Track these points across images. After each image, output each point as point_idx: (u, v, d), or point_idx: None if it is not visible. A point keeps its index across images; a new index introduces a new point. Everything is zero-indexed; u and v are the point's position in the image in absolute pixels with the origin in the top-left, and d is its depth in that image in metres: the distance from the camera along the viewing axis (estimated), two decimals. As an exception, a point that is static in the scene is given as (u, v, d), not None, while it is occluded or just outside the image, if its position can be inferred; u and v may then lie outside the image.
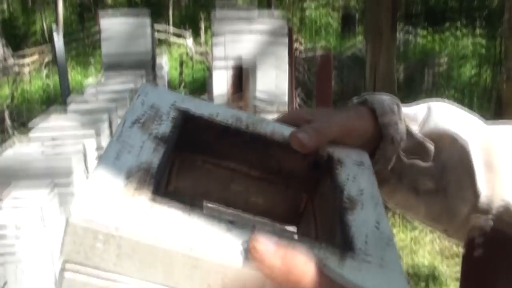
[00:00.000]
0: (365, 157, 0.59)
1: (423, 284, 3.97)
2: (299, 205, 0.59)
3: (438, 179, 0.62)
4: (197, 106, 0.57)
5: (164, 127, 0.51)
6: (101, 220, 0.38)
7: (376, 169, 0.58)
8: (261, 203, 0.59)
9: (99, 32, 5.47)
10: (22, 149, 2.73)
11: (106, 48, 5.01)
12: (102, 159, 0.45)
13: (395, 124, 0.60)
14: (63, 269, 0.39)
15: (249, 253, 0.39)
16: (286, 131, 0.58)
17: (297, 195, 0.59)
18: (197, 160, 0.58)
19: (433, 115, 0.64)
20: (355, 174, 0.55)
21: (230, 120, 0.57)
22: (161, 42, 9.96)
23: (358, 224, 0.48)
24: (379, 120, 0.60)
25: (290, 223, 0.60)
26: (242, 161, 0.58)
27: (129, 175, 0.43)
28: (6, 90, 9.58)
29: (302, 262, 0.39)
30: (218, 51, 4.11)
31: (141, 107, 0.54)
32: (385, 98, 0.62)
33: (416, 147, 0.62)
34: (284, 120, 0.60)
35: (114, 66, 4.84)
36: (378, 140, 0.60)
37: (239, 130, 0.56)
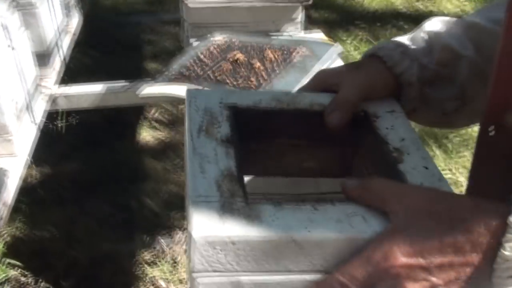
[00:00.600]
0: (395, 104, 0.66)
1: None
2: (348, 160, 0.67)
3: (460, 96, 0.69)
4: (241, 98, 0.64)
5: (224, 129, 0.59)
6: (216, 233, 0.46)
7: (406, 110, 0.66)
8: (314, 166, 0.68)
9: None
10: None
11: None
12: (192, 175, 0.52)
13: (408, 68, 0.67)
14: (194, 279, 0.48)
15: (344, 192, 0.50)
16: (321, 99, 0.65)
17: (343, 152, 0.67)
18: (251, 145, 0.65)
19: (433, 39, 0.69)
20: (392, 123, 0.63)
21: (272, 104, 0.64)
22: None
23: (410, 170, 0.56)
24: (392, 72, 0.66)
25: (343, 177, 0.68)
26: (290, 136, 0.65)
27: (219, 186, 0.51)
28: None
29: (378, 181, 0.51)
30: None
31: (197, 114, 0.60)
32: (391, 46, 0.68)
33: (433, 76, 0.69)
34: (313, 87, 0.67)
35: None
36: (399, 85, 0.67)
37: (282, 110, 0.64)
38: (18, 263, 1.85)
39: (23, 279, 1.82)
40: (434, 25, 0.70)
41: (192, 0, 1.34)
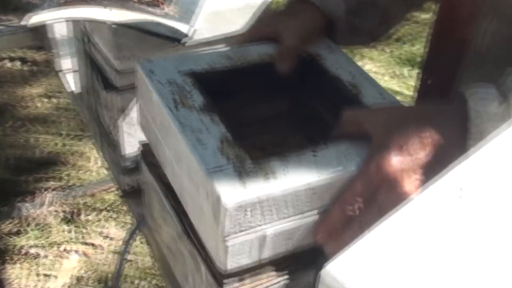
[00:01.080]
0: (329, 42, 0.72)
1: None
2: (305, 102, 0.72)
3: (384, 21, 0.76)
4: (194, 62, 0.65)
5: (197, 97, 0.60)
6: (244, 197, 0.49)
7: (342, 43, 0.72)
8: (273, 114, 0.72)
9: None
10: None
11: None
12: (192, 149, 0.53)
13: (336, 5, 0.72)
14: (225, 241, 0.51)
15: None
16: (267, 49, 0.69)
17: (299, 96, 0.71)
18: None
19: None
20: (335, 60, 0.69)
21: (225, 63, 0.66)
22: None
23: (370, 100, 0.62)
24: (323, 12, 0.71)
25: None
26: (249, 89, 0.68)
27: (223, 153, 0.53)
28: None
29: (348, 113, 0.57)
30: None
31: (164, 88, 0.61)
32: None
33: (357, 3, 0.74)
34: (250, 37, 0.71)
35: None
36: (330, 23, 0.73)
37: (237, 67, 0.66)
38: None
39: None
40: None
41: None
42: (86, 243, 1.81)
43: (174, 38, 0.78)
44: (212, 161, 0.52)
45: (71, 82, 1.16)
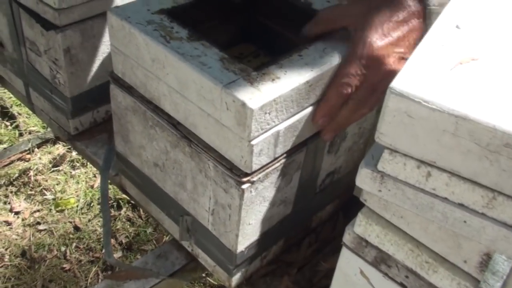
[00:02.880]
0: None
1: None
2: (258, 21, 0.80)
3: None
4: (160, 1, 0.71)
5: (179, 29, 0.66)
6: (264, 99, 0.58)
7: None
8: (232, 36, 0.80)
9: None
10: None
11: None
12: (200, 72, 0.60)
13: None
14: (250, 144, 0.60)
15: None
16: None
17: (249, 17, 0.80)
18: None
19: None
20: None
21: (187, -4, 0.73)
22: None
23: (321, 5, 0.73)
24: None
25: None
26: (207, 19, 0.75)
27: (228, 69, 0.61)
28: None
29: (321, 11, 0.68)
30: None
31: (146, 28, 0.66)
32: None
33: None
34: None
35: None
36: None
37: (199, 0, 0.73)
38: None
39: None
40: None
41: None
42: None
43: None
44: (223, 77, 0.60)
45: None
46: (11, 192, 1.84)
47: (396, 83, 0.41)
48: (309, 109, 0.65)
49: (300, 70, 0.62)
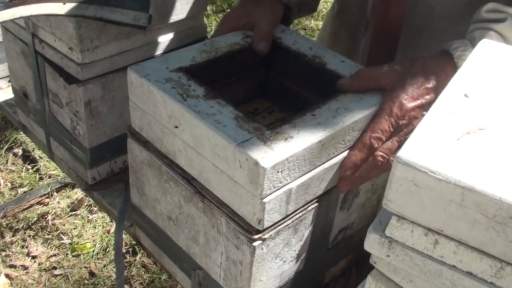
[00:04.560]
0: (282, 26, 0.84)
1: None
2: (274, 79, 0.82)
3: None
4: (177, 59, 0.73)
5: (197, 88, 0.68)
6: (276, 159, 0.59)
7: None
8: (246, 94, 0.82)
9: None
10: None
11: None
12: (215, 130, 0.62)
13: None
14: (263, 202, 0.61)
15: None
16: (233, 39, 0.79)
17: (268, 75, 0.82)
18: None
19: None
20: (294, 39, 0.80)
21: (204, 56, 0.75)
22: None
23: (335, 66, 0.75)
24: (283, 2, 0.84)
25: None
26: (225, 75, 0.77)
27: (242, 127, 0.62)
28: None
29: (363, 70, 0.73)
30: None
31: (164, 85, 0.68)
32: None
33: None
34: (224, 31, 0.80)
35: None
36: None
37: (216, 58, 0.75)
38: None
39: None
40: None
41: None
42: (11, 265, 1.78)
43: (136, 25, 0.84)
44: (237, 136, 0.61)
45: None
46: (29, 236, 1.86)
47: (403, 152, 0.42)
48: (321, 167, 0.66)
49: (313, 129, 0.63)
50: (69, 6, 0.80)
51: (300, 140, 0.62)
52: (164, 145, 0.72)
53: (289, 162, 0.61)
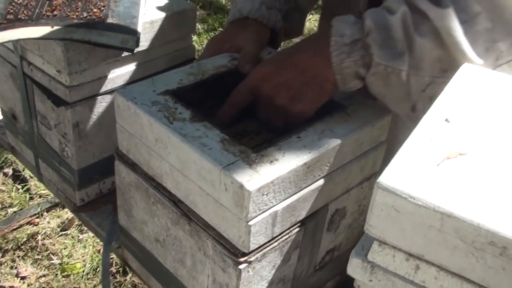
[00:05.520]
0: (269, 48, 0.85)
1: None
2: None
3: (302, 11, 0.95)
4: (164, 82, 0.74)
5: (183, 110, 0.69)
6: (261, 181, 0.60)
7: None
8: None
9: None
10: None
11: None
12: (201, 153, 0.62)
13: (275, 19, 0.86)
14: (248, 225, 0.61)
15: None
16: (219, 61, 0.80)
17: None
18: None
19: None
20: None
21: (191, 79, 0.76)
22: None
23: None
24: (268, 26, 0.86)
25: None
26: (213, 97, 0.78)
27: (228, 151, 0.63)
28: None
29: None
30: None
31: (150, 109, 0.69)
32: (257, 6, 0.85)
33: (287, 13, 0.91)
34: (210, 55, 0.81)
35: None
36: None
37: (202, 81, 0.76)
38: None
39: None
40: None
41: None
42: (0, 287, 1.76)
43: (124, 48, 0.84)
44: (223, 159, 0.62)
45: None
46: (18, 256, 1.84)
47: (384, 178, 0.42)
48: (307, 189, 0.66)
49: (298, 152, 0.64)
50: (57, 29, 0.80)
51: (286, 163, 0.62)
52: (151, 167, 0.72)
53: (275, 184, 0.61)
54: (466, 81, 0.59)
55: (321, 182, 0.67)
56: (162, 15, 0.93)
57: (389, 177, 0.42)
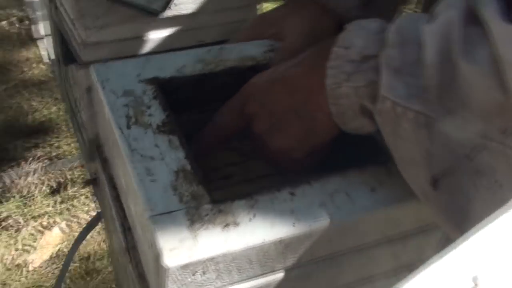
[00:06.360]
0: None
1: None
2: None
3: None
4: (160, 65, 0.55)
5: (156, 112, 0.49)
6: (192, 257, 0.39)
7: None
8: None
9: None
10: None
11: None
12: (139, 182, 0.43)
13: (347, 4, 0.61)
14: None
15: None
16: (250, 50, 0.58)
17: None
18: (183, 117, 0.56)
19: None
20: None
21: (198, 67, 0.55)
22: None
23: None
24: (335, 12, 0.61)
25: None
26: (224, 99, 0.57)
27: (175, 189, 0.43)
28: None
29: None
30: None
31: (118, 100, 0.50)
32: None
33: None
34: (251, 37, 0.60)
35: None
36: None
37: (212, 73, 0.55)
38: None
39: None
40: None
41: None
42: (69, 217, 1.73)
43: (149, 10, 0.66)
44: (160, 203, 0.42)
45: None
46: (91, 191, 1.80)
47: None
48: (284, 272, 0.44)
49: (275, 219, 0.42)
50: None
51: (246, 232, 0.41)
52: (114, 174, 0.54)
53: (218, 263, 0.40)
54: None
55: (312, 267, 0.45)
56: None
57: None
